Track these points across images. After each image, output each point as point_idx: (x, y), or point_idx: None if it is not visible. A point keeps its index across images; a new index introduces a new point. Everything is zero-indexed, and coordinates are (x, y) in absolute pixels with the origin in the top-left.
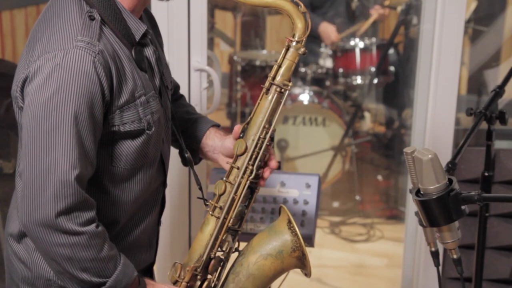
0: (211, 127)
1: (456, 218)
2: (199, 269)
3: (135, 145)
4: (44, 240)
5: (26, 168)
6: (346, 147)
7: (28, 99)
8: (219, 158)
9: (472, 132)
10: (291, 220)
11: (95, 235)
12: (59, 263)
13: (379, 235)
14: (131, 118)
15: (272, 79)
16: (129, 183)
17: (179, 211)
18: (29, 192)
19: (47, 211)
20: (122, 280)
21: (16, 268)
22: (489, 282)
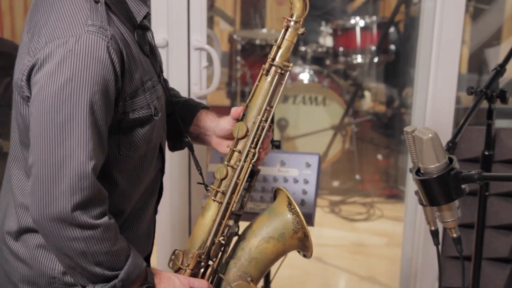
0: (201, 109)
1: (456, 197)
2: (203, 256)
3: (142, 132)
4: (58, 235)
5: (38, 161)
6: (346, 126)
7: (37, 87)
8: (212, 141)
9: (472, 111)
10: (292, 201)
11: (109, 228)
12: (72, 258)
13: (379, 214)
14: (140, 104)
15: (272, 60)
16: (134, 171)
17: (179, 197)
18: (42, 186)
19: (62, 205)
20: (134, 271)
21: (15, 267)
22: (489, 260)
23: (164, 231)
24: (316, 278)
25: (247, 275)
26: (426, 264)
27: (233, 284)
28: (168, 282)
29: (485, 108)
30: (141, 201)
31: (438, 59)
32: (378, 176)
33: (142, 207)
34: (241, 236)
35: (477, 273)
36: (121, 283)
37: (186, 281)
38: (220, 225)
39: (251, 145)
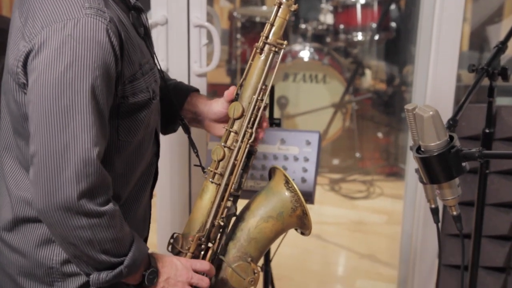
0: (192, 93)
1: (457, 175)
2: (203, 238)
3: (141, 116)
4: (64, 224)
5: (40, 149)
6: (347, 104)
7: (35, 74)
8: (204, 124)
9: (473, 88)
10: (289, 179)
11: (114, 214)
12: (78, 247)
13: (378, 192)
14: (139, 88)
15: (266, 38)
16: (130, 156)
17: (179, 180)
18: (46, 175)
19: (68, 193)
20: (138, 257)
21: (10, 259)
22: (488, 238)
23: (164, 215)
24: (316, 256)
25: (247, 256)
26: (426, 242)
27: (234, 265)
28: (171, 266)
29: (486, 86)
30: (137, 186)
31: (439, 36)
32: (378, 154)
33: (139, 192)
34: (239, 217)
35: (476, 250)
36: (126, 269)
37: (188, 264)
38: (219, 207)
39: (247, 125)
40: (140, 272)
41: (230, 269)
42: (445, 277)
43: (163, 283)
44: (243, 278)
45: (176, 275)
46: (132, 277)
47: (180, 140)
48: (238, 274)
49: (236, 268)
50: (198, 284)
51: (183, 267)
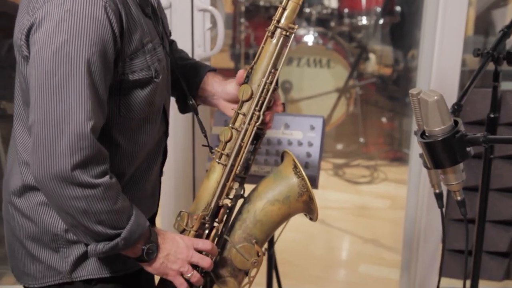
0: (208, 72)
1: (461, 160)
2: (207, 218)
3: (143, 94)
4: (59, 194)
5: (37, 120)
6: (351, 89)
7: (35, 48)
8: (219, 104)
9: (478, 73)
10: (297, 164)
11: (109, 187)
12: (74, 217)
13: (382, 177)
14: (140, 66)
15: (277, 22)
16: (135, 133)
17: (183, 160)
18: (42, 146)
19: (62, 165)
20: (136, 230)
21: (20, 224)
22: (492, 223)
23: (168, 193)
24: (320, 240)
25: (252, 237)
26: (429, 227)
27: (238, 245)
28: (172, 242)
29: (491, 70)
30: (145, 163)
31: (444, 20)
32: (382, 139)
33: (146, 169)
34: (246, 198)
35: (480, 235)
36: (123, 241)
37: (190, 242)
38: (225, 187)
39: (255, 108)
40: (139, 246)
41: (234, 250)
42: (449, 262)
43: (162, 259)
44: (247, 259)
45: (176, 252)
46: (131, 250)
47: (184, 120)
48: (242, 255)
49: (240, 249)
50: (198, 263)
51: (184, 245)
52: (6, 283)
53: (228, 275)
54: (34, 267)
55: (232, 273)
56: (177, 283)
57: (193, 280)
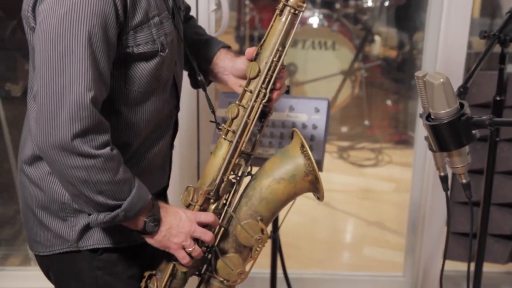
0: (222, 48)
1: (467, 143)
2: (212, 193)
3: (149, 67)
4: (60, 162)
5: (40, 90)
6: (356, 71)
7: (40, 18)
8: (229, 80)
9: (485, 55)
10: (304, 144)
11: (110, 158)
12: (75, 186)
13: (387, 160)
14: (144, 39)
15: (286, 0)
16: (142, 106)
17: (188, 135)
18: (44, 115)
19: (62, 134)
20: (137, 202)
21: (30, 192)
22: (497, 206)
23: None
24: (324, 223)
25: (257, 214)
26: (434, 210)
27: (243, 222)
28: (175, 216)
29: (498, 53)
30: (154, 136)
31: (450, 2)
32: (387, 121)
33: (155, 141)
34: (253, 176)
35: (485, 218)
36: (123, 212)
37: (192, 216)
38: (230, 163)
39: (262, 85)
40: (141, 218)
41: (239, 226)
42: (453, 244)
43: (164, 232)
44: (251, 236)
45: (178, 225)
46: (133, 222)
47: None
48: (246, 231)
49: (245, 225)
50: (201, 237)
51: (187, 219)
52: (12, 264)
53: (233, 251)
54: (44, 235)
55: (237, 249)
56: (179, 257)
57: (194, 254)
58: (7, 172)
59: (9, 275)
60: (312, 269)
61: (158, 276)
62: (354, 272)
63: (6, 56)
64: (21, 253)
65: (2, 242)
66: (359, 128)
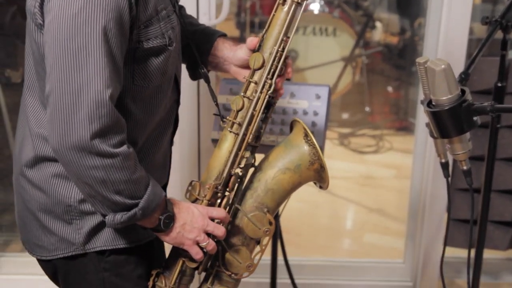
0: (219, 37)
1: (468, 129)
2: (220, 187)
3: (157, 62)
4: (78, 164)
5: (54, 90)
6: (357, 57)
7: (50, 15)
8: (231, 69)
9: (486, 41)
10: (308, 133)
11: (128, 156)
12: (92, 187)
13: (388, 147)
14: (154, 33)
15: None
16: (148, 102)
17: (189, 129)
18: (60, 115)
19: (81, 134)
20: (153, 200)
21: (32, 195)
22: (498, 193)
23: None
24: (325, 210)
25: (263, 206)
26: (434, 196)
27: (250, 214)
28: (188, 212)
29: (499, 39)
30: (156, 132)
31: None
32: (388, 108)
33: (157, 138)
34: (257, 167)
35: (486, 205)
36: (141, 211)
37: (204, 211)
38: (237, 156)
39: (267, 76)
40: (155, 216)
41: (246, 219)
42: (454, 231)
43: (179, 228)
44: (259, 228)
45: (192, 221)
46: (148, 220)
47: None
48: (254, 223)
49: (252, 217)
50: (213, 232)
51: (200, 214)
52: (12, 250)
53: (240, 244)
54: (47, 239)
55: (244, 242)
56: (193, 252)
57: (209, 248)
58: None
59: (10, 261)
60: (312, 256)
61: (165, 274)
62: (355, 259)
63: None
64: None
65: (2, 228)
66: (360, 114)
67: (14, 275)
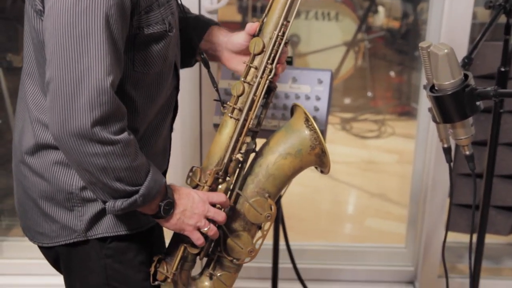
0: (213, 26)
1: (471, 114)
2: (221, 172)
3: (157, 48)
4: (79, 151)
5: (55, 77)
6: (359, 42)
7: (50, 1)
8: (223, 56)
9: (490, 26)
10: (309, 117)
11: (128, 143)
12: (93, 174)
13: (390, 132)
14: (154, 19)
15: None
16: (148, 89)
17: (190, 114)
18: (60, 102)
19: (82, 121)
20: (154, 187)
21: (33, 183)
22: (500, 178)
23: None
24: (327, 195)
25: (264, 191)
26: (437, 181)
27: (251, 200)
28: (188, 198)
29: (503, 23)
30: (157, 119)
31: None
32: (390, 93)
33: (158, 124)
34: (258, 152)
35: (488, 190)
36: (141, 198)
37: (205, 196)
38: (237, 142)
39: (267, 61)
40: (156, 202)
41: (248, 204)
42: (456, 216)
43: (179, 215)
44: (260, 213)
45: (192, 207)
46: (148, 206)
47: (191, 74)
48: (255, 209)
49: (253, 203)
50: (214, 217)
51: (200, 200)
52: (15, 234)
53: (242, 229)
54: (48, 226)
55: (246, 227)
56: (194, 238)
57: (210, 233)
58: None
59: (12, 246)
60: (314, 241)
61: (167, 260)
62: (356, 244)
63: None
64: None
65: (5, 213)
66: (362, 99)
67: (16, 259)
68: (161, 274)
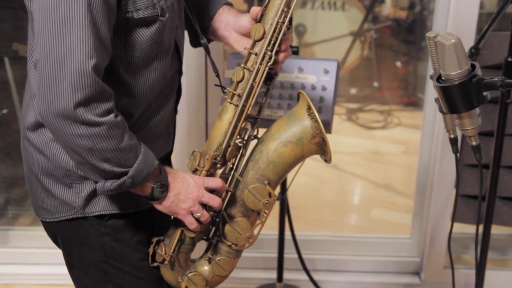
0: (224, 5)
1: (477, 105)
2: (219, 158)
3: (149, 33)
4: (64, 131)
5: (40, 58)
6: (365, 32)
7: None
8: (230, 36)
9: (497, 16)
10: (311, 106)
11: (114, 125)
12: (80, 154)
13: (396, 122)
14: (144, 4)
15: None
16: (144, 72)
17: (196, 99)
18: (45, 83)
19: (65, 102)
20: (144, 169)
21: (35, 158)
22: (507, 168)
23: (181, 134)
24: (332, 185)
25: (264, 178)
26: (442, 172)
27: (250, 186)
28: (183, 182)
29: (510, 13)
30: (157, 102)
31: None
32: (396, 83)
33: (158, 108)
34: (259, 139)
35: (494, 181)
36: (130, 179)
37: (200, 181)
38: (236, 127)
39: (267, 48)
40: (148, 184)
41: (247, 190)
42: (462, 207)
43: (172, 198)
44: (259, 200)
45: (186, 191)
46: (139, 188)
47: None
48: (254, 195)
49: (252, 189)
50: (208, 202)
51: (195, 184)
52: (21, 224)
53: (240, 215)
54: (50, 201)
55: (244, 214)
56: (187, 222)
57: (202, 219)
58: (16, 133)
59: (19, 235)
60: (320, 231)
61: (166, 242)
62: (362, 234)
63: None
64: (30, 213)
65: (12, 202)
66: (368, 90)
67: (23, 249)
68: (159, 255)
